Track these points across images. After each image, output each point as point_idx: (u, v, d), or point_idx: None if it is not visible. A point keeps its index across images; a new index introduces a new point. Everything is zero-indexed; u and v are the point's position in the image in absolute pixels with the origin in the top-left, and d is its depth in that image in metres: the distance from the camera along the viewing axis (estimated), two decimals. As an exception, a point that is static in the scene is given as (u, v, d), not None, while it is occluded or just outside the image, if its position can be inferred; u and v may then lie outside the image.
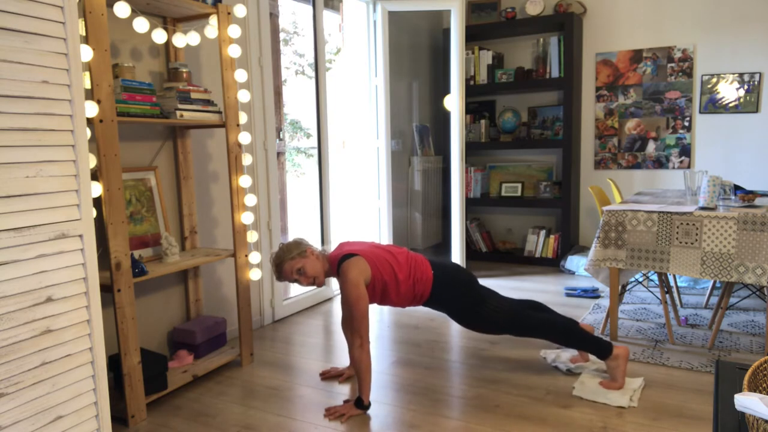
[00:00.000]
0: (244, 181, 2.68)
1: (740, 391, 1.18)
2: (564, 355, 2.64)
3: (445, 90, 4.71)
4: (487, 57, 4.79)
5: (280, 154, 4.10)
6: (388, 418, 2.22)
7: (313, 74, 3.86)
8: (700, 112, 4.34)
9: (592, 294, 3.79)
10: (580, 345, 2.43)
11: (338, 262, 2.33)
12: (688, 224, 2.70)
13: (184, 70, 2.58)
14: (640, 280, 3.84)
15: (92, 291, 1.78)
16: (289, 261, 2.36)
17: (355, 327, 2.24)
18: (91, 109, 2.02)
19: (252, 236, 2.76)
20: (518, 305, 2.51)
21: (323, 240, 3.90)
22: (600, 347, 2.40)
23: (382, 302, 2.45)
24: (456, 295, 2.43)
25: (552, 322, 2.44)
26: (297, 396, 2.44)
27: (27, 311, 1.61)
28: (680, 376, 2.51)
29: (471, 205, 4.99)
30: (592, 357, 2.64)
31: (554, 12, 4.55)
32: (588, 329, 2.61)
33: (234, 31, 2.59)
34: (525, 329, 2.44)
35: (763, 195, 3.18)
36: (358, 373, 2.25)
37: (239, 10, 2.66)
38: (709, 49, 4.27)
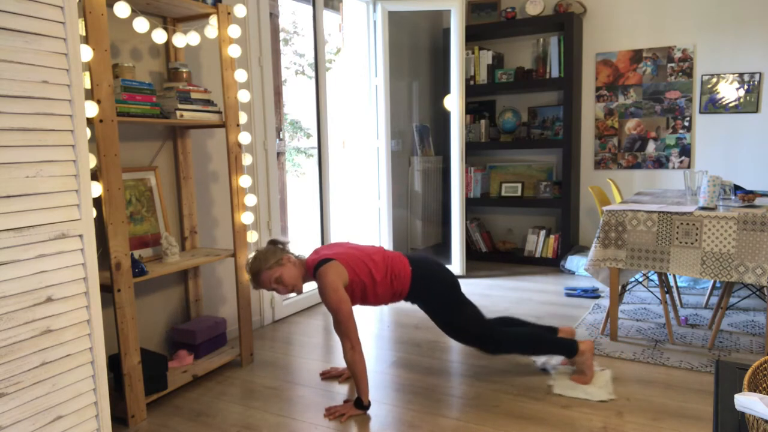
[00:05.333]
0: (244, 181, 2.68)
1: (740, 391, 1.18)
2: (553, 360, 2.65)
3: (445, 90, 4.71)
4: (487, 57, 4.79)
5: (280, 154, 4.10)
6: (388, 418, 2.22)
7: (313, 74, 3.86)
8: (700, 112, 4.34)
9: (592, 294, 3.79)
10: (549, 352, 2.47)
11: (314, 268, 2.31)
12: (688, 224, 2.70)
13: (184, 70, 2.58)
14: (640, 280, 3.84)
15: (92, 291, 1.78)
16: (267, 271, 2.32)
17: (342, 330, 2.22)
18: (91, 109, 2.02)
19: (252, 236, 2.76)
20: (492, 321, 2.53)
21: (323, 240, 3.90)
22: (568, 349, 2.45)
23: (362, 303, 2.44)
24: (436, 291, 2.42)
25: (517, 336, 2.44)
26: (297, 396, 2.44)
27: (27, 311, 1.61)
28: (680, 376, 2.51)
29: (471, 205, 4.99)
30: None
31: (554, 12, 4.55)
32: (568, 333, 2.64)
33: (234, 31, 2.59)
34: (494, 345, 2.43)
35: (763, 195, 3.18)
36: (353, 375, 2.25)
37: (239, 10, 2.66)
38: (709, 49, 4.27)
